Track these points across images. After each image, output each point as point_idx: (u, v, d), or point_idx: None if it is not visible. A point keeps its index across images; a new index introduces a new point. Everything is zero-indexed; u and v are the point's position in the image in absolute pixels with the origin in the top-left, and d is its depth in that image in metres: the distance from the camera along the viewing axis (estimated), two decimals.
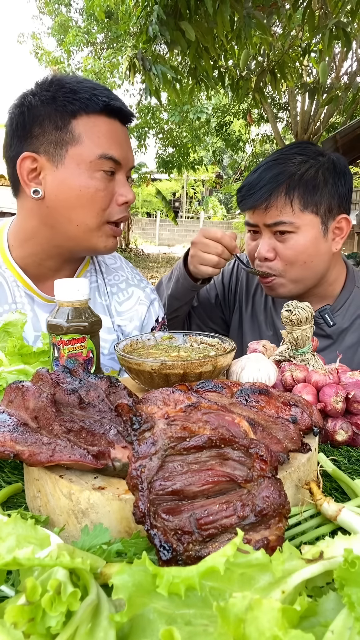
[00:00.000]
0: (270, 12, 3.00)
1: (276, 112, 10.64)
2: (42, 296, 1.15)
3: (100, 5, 9.49)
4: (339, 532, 0.45)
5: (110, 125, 1.06)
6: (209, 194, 28.18)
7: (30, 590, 0.31)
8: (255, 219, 1.26)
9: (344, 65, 8.01)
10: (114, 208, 1.08)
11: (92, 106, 1.02)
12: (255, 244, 1.28)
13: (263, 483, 0.44)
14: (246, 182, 1.28)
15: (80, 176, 1.03)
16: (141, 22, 3.09)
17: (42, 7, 13.89)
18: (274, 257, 1.24)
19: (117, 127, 1.08)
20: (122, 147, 1.08)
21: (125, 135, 1.10)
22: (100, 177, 1.04)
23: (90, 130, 1.03)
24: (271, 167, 1.24)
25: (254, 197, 1.23)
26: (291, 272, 1.24)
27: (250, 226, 1.30)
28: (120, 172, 1.08)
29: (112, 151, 1.04)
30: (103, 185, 1.04)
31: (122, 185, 1.08)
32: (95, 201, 1.04)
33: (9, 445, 0.50)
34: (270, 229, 1.23)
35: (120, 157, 1.06)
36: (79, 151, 1.02)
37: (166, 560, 0.39)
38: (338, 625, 0.32)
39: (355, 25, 3.57)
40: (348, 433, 0.77)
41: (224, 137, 13.10)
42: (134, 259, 14.28)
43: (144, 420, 0.50)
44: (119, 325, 1.24)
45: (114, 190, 1.08)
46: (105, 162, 1.04)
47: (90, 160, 1.03)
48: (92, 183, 1.03)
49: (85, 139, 1.02)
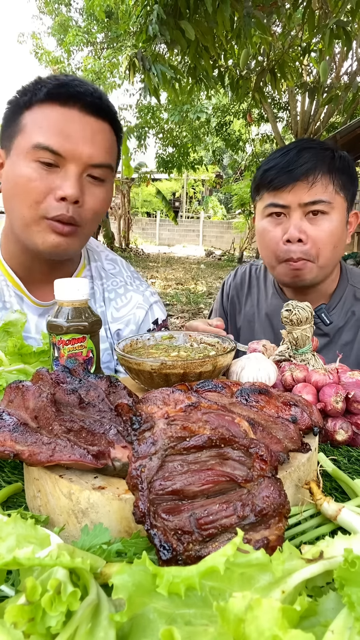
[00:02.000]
0: (270, 11, 3.00)
1: (276, 112, 10.63)
2: (31, 298, 1.13)
3: (100, 5, 9.49)
4: (339, 532, 0.45)
5: (60, 114, 0.96)
6: (209, 193, 28.17)
7: (30, 590, 0.31)
8: (289, 198, 1.21)
9: (344, 65, 8.01)
10: (51, 203, 0.97)
11: (38, 94, 0.96)
12: (281, 228, 1.24)
13: (263, 483, 0.44)
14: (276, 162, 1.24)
15: (17, 166, 0.97)
16: (141, 21, 3.09)
17: (42, 6, 13.89)
18: (306, 239, 1.21)
19: (72, 116, 0.97)
20: (72, 138, 0.96)
21: (84, 127, 0.98)
22: (36, 167, 0.96)
23: (35, 119, 0.96)
24: (307, 149, 1.23)
25: (294, 173, 1.19)
26: (321, 257, 1.23)
27: (277, 207, 1.24)
28: (68, 166, 0.97)
29: (51, 141, 0.94)
30: (37, 176, 0.96)
31: (65, 180, 0.97)
32: (28, 192, 0.96)
33: (9, 445, 0.50)
34: (304, 209, 1.21)
35: (61, 148, 0.95)
36: (20, 140, 0.97)
37: (166, 560, 0.39)
38: (338, 625, 0.32)
39: (355, 24, 3.56)
40: (348, 433, 0.77)
41: (224, 137, 13.11)
42: (133, 258, 14.29)
43: (144, 420, 0.50)
44: (117, 329, 1.22)
45: (54, 183, 0.97)
46: (41, 152, 0.95)
47: (27, 149, 0.96)
48: (25, 172, 0.96)
49: (28, 127, 0.97)
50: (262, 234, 1.31)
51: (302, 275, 1.25)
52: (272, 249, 1.27)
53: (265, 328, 1.47)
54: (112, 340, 1.23)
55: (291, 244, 1.22)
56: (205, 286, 9.47)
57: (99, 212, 1.05)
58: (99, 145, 1.00)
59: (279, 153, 1.26)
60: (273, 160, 1.25)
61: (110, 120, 1.04)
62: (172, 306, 7.13)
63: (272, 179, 1.23)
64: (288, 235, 1.21)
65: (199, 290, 8.96)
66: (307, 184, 1.19)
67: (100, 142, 1.00)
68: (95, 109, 0.99)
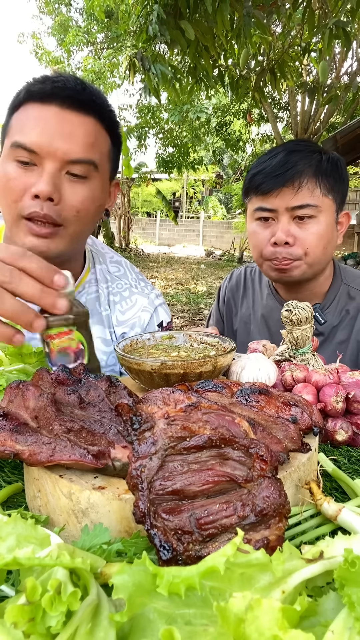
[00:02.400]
0: (270, 11, 3.00)
1: (276, 112, 10.64)
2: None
3: (100, 5, 9.49)
4: (339, 532, 0.45)
5: (36, 111, 0.95)
6: (209, 193, 28.18)
7: (30, 590, 0.31)
8: (276, 203, 1.23)
9: (344, 65, 8.01)
10: (27, 201, 0.95)
11: (20, 95, 0.98)
12: (269, 231, 1.26)
13: (263, 483, 0.44)
14: (264, 166, 1.25)
15: (1, 166, 0.98)
16: (141, 21, 3.09)
17: (42, 6, 13.90)
18: (294, 242, 1.23)
19: (48, 112, 0.95)
20: (48, 134, 0.94)
21: (59, 121, 0.95)
22: (14, 166, 0.95)
23: (17, 120, 0.97)
24: (294, 152, 1.24)
25: (281, 178, 1.21)
26: (309, 256, 1.24)
27: (265, 211, 1.26)
28: (45, 163, 0.94)
29: (24, 138, 0.93)
30: (15, 175, 0.95)
31: (39, 176, 0.94)
32: (8, 191, 0.96)
33: (9, 445, 0.50)
34: (291, 214, 1.23)
35: (34, 145, 0.93)
36: (5, 141, 0.99)
37: (166, 560, 0.39)
38: (338, 625, 0.32)
39: (355, 24, 3.57)
40: (348, 433, 0.77)
41: (224, 137, 13.11)
42: (133, 259, 14.29)
43: (144, 420, 0.50)
44: (122, 332, 1.22)
45: (30, 181, 0.95)
46: (18, 151, 0.94)
47: (7, 149, 0.97)
48: (5, 172, 0.96)
49: (13, 128, 0.98)
50: (252, 235, 1.34)
51: (289, 272, 1.27)
52: (260, 249, 1.30)
53: (261, 329, 1.48)
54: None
55: (278, 246, 1.24)
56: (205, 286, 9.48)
57: (82, 211, 1.00)
58: (78, 140, 0.96)
59: (267, 157, 1.28)
60: (261, 164, 1.27)
61: (97, 114, 1.00)
62: (172, 306, 7.14)
63: (259, 184, 1.25)
64: (275, 238, 1.24)
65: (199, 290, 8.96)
66: (293, 189, 1.20)
67: (79, 137, 0.97)
68: (76, 104, 0.96)
